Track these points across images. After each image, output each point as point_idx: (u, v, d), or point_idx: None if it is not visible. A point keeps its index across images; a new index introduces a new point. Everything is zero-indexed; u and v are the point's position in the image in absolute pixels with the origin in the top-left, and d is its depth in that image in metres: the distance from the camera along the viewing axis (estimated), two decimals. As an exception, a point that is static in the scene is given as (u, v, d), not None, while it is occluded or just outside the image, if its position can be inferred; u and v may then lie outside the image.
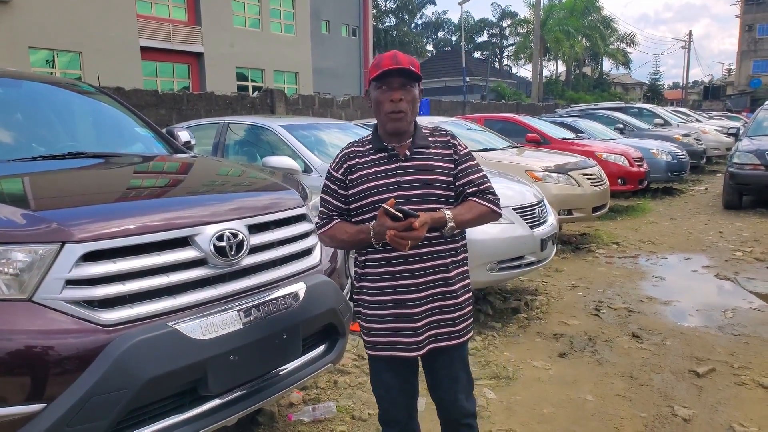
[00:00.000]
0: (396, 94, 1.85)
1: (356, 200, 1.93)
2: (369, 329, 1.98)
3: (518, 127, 9.28)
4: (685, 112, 19.13)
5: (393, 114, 1.86)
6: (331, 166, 2.01)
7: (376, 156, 1.94)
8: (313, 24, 27.82)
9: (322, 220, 2.01)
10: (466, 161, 1.97)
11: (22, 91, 3.18)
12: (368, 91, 1.94)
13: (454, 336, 1.97)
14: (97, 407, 1.69)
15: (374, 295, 1.95)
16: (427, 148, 1.94)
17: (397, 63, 1.82)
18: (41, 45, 17.22)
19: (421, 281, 1.91)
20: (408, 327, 1.91)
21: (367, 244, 1.88)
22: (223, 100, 11.86)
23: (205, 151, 5.28)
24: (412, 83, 1.88)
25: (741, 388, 3.28)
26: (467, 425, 2.08)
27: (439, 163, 1.93)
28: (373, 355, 2.01)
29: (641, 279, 5.53)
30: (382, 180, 1.90)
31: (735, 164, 8.87)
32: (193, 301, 1.96)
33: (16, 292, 1.70)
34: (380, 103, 1.88)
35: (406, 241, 1.73)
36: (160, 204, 2.24)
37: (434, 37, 54.93)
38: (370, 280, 1.96)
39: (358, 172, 1.93)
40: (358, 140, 2.04)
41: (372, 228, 1.82)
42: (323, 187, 2.02)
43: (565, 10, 39.50)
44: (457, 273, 1.98)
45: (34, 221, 1.82)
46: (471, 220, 1.90)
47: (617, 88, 51.22)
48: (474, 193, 1.94)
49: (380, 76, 1.84)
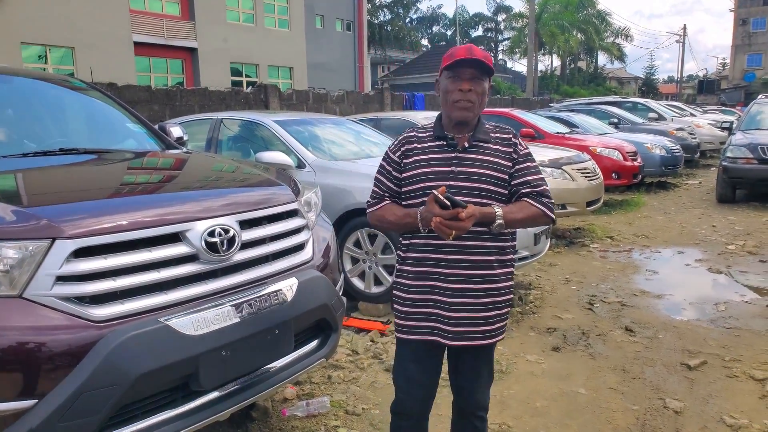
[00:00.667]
0: (466, 84, 1.86)
1: (408, 184, 1.95)
2: (403, 312, 1.98)
3: (512, 121, 9.28)
4: (679, 107, 19.16)
5: (461, 103, 1.87)
6: (389, 147, 2.04)
7: (434, 143, 1.95)
8: (307, 19, 27.73)
9: (373, 199, 2.03)
10: (525, 161, 1.95)
11: (13, 87, 3.15)
12: (438, 80, 1.96)
13: (489, 335, 1.96)
14: (89, 403, 1.68)
15: (413, 279, 1.96)
16: (487, 143, 1.94)
17: (471, 54, 1.84)
18: (33, 40, 17.12)
19: (462, 273, 1.90)
20: (445, 315, 1.91)
21: (413, 228, 1.90)
22: (216, 96, 11.82)
23: (199, 146, 5.27)
24: (483, 77, 1.89)
25: (732, 381, 3.31)
26: (480, 417, 2.11)
27: (497, 159, 1.92)
28: (403, 339, 2.00)
29: (635, 273, 5.55)
30: (436, 167, 1.91)
31: (728, 158, 8.91)
32: (185, 297, 1.96)
33: (7, 289, 1.69)
34: (449, 92, 1.89)
35: (450, 230, 1.73)
36: (151, 200, 2.23)
37: (429, 31, 54.86)
38: (411, 263, 1.96)
39: (413, 157, 1.95)
40: (420, 127, 2.05)
41: (420, 213, 1.83)
42: (378, 167, 2.04)
43: (560, 5, 39.52)
44: (503, 272, 1.96)
45: (24, 217, 1.81)
46: (521, 220, 1.88)
47: (612, 82, 51.36)
48: (528, 194, 1.91)
49: (452, 66, 1.86)
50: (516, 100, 23.26)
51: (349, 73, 33.09)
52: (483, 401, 2.10)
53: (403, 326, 1.99)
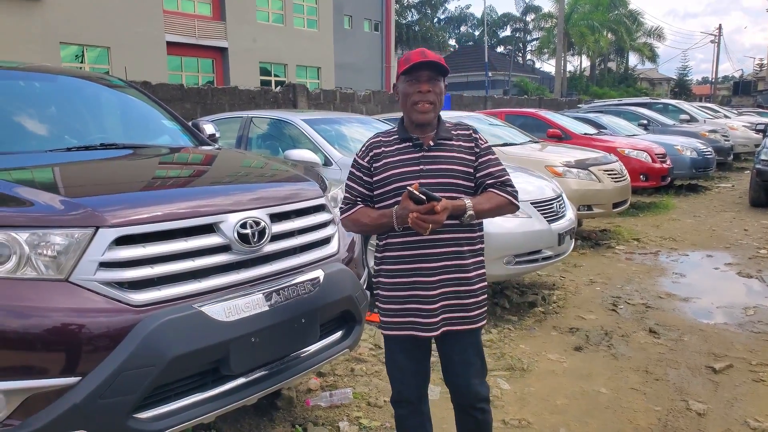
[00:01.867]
0: (424, 86, 1.96)
1: (380, 186, 2.03)
2: (386, 310, 2.07)
3: (539, 122, 9.25)
4: (712, 108, 18.75)
5: (420, 105, 1.97)
6: (357, 153, 2.12)
7: (401, 145, 2.04)
8: (335, 19, 27.92)
9: (346, 205, 2.11)
10: (486, 154, 2.06)
11: (56, 85, 3.32)
12: (396, 85, 2.06)
13: (468, 321, 2.04)
14: (127, 382, 1.79)
15: (393, 278, 2.04)
16: (450, 140, 2.04)
17: (425, 57, 1.94)
18: (71, 40, 17.64)
19: (437, 265, 1.99)
20: (424, 309, 2.00)
21: (389, 228, 1.98)
22: (246, 95, 12.01)
23: (229, 144, 5.40)
24: (439, 77, 1.99)
25: (758, 385, 3.28)
26: (480, 409, 2.14)
27: (461, 154, 2.02)
28: (389, 335, 2.09)
29: (661, 275, 5.51)
30: (406, 168, 2.00)
31: (762, 161, 8.71)
32: (217, 285, 2.05)
33: (54, 273, 1.81)
34: (408, 95, 1.98)
35: (427, 224, 1.82)
36: (187, 192, 2.34)
37: (457, 31, 54.64)
38: (390, 263, 2.04)
39: (382, 160, 2.03)
40: (384, 131, 2.15)
41: (395, 211, 1.92)
42: (348, 174, 2.12)
43: (590, 4, 38.97)
44: (473, 261, 2.05)
45: (70, 207, 1.92)
46: (489, 210, 1.98)
47: (643, 83, 50.43)
48: (493, 185, 2.02)
49: (409, 70, 1.96)
50: (543, 100, 23.05)
51: (376, 73, 33.21)
52: (481, 392, 2.12)
53: (387, 323, 2.07)
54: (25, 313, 1.73)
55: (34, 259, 1.79)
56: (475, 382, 2.10)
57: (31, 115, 3.02)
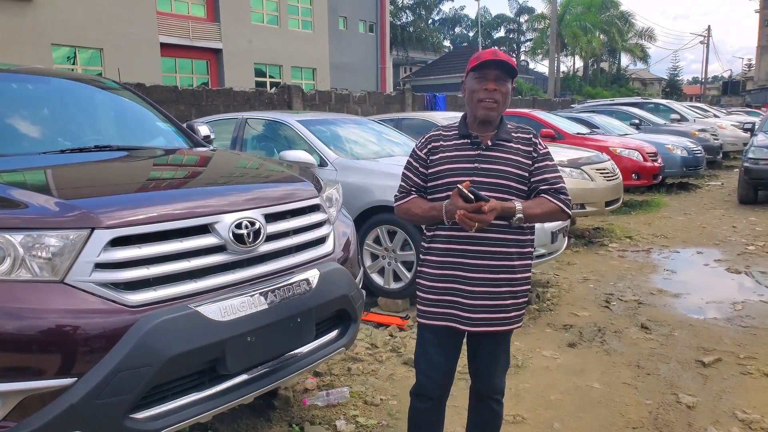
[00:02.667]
0: (491, 84, 1.97)
1: (434, 179, 2.07)
2: (426, 299, 2.10)
3: (533, 122, 9.29)
4: (702, 108, 18.91)
5: (486, 102, 1.98)
6: (416, 145, 2.16)
7: (459, 141, 2.07)
8: (330, 20, 27.90)
9: (400, 194, 2.15)
10: (543, 160, 2.06)
11: (50, 87, 3.32)
12: (463, 81, 2.08)
13: (505, 323, 2.07)
14: (124, 382, 1.80)
15: (437, 269, 2.07)
16: (509, 142, 2.05)
17: (496, 56, 1.96)
18: (63, 42, 17.54)
19: (483, 263, 2.01)
20: (465, 303, 2.02)
21: (438, 220, 2.02)
22: (241, 96, 12.02)
23: (224, 145, 5.41)
24: (507, 78, 2.01)
25: (746, 378, 3.33)
26: (496, 400, 2.22)
27: (518, 157, 2.03)
28: (424, 324, 2.11)
29: (652, 272, 5.56)
30: (461, 164, 2.02)
31: (750, 159, 8.81)
32: (213, 285, 2.07)
33: (49, 274, 1.82)
34: (475, 91, 2.00)
35: (473, 222, 1.86)
36: (182, 193, 2.36)
37: (451, 32, 54.70)
38: (435, 254, 2.07)
39: (439, 154, 2.07)
40: (445, 126, 2.17)
41: (444, 206, 1.96)
42: (406, 163, 2.16)
43: (582, 6, 39.16)
44: (521, 264, 2.06)
45: (65, 209, 1.93)
46: (540, 215, 2.00)
47: (635, 83, 50.70)
48: (547, 191, 2.03)
49: (479, 66, 1.98)
50: (537, 101, 23.13)
51: (371, 74, 33.21)
52: (500, 385, 2.20)
53: (425, 312, 2.10)
54: (20, 314, 1.74)
55: (29, 261, 1.80)
56: (498, 375, 2.18)
57: (25, 117, 3.02)
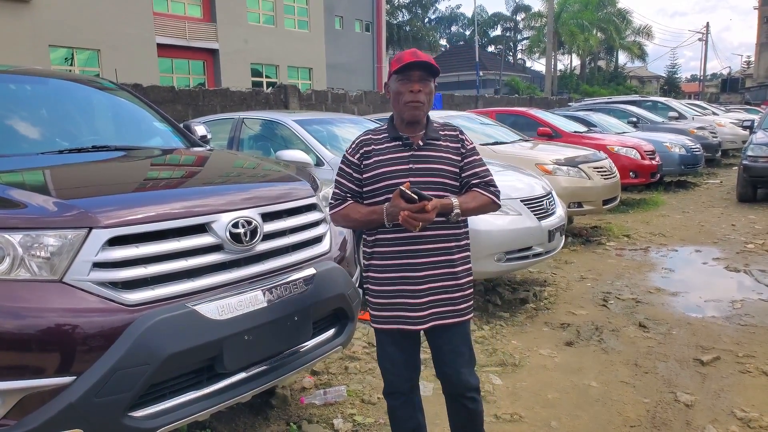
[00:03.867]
0: (415, 86, 2.01)
1: (370, 183, 2.09)
2: (376, 304, 2.13)
3: (530, 120, 9.31)
4: (701, 105, 18.92)
5: (412, 103, 2.03)
6: (347, 151, 2.17)
7: (390, 144, 2.10)
8: (326, 20, 27.91)
9: (335, 200, 2.16)
10: (471, 155, 2.13)
11: (48, 88, 3.33)
12: (387, 84, 2.11)
13: (456, 314, 2.12)
14: (122, 381, 1.81)
15: (382, 272, 2.10)
16: (438, 140, 2.11)
17: (417, 57, 2.00)
18: (61, 43, 17.54)
19: (425, 261, 2.06)
20: (412, 303, 2.07)
21: (379, 224, 2.04)
22: (238, 96, 12.02)
23: (221, 145, 5.41)
24: (430, 77, 2.05)
25: (744, 376, 3.34)
26: (471, 398, 2.19)
27: (448, 154, 2.09)
28: (379, 328, 2.15)
29: (650, 271, 5.57)
30: (396, 166, 2.05)
31: (749, 157, 8.82)
32: (210, 284, 2.08)
33: (48, 274, 1.82)
34: (400, 93, 2.04)
35: (417, 222, 1.90)
36: (179, 193, 2.37)
37: (448, 31, 54.76)
38: (379, 258, 2.11)
39: (373, 158, 2.09)
40: (373, 129, 2.20)
41: (385, 209, 1.98)
42: (338, 170, 2.18)
43: (579, 4, 39.16)
44: (460, 257, 2.13)
45: (63, 208, 1.94)
46: (474, 209, 2.08)
47: (633, 81, 50.76)
48: (478, 185, 2.11)
49: (401, 69, 2.01)
50: (534, 99, 23.17)
51: (367, 73, 33.22)
52: (470, 382, 2.17)
53: (376, 317, 2.14)
54: (19, 313, 1.75)
55: (28, 261, 1.81)
56: (465, 371, 2.16)
57: (23, 117, 3.03)
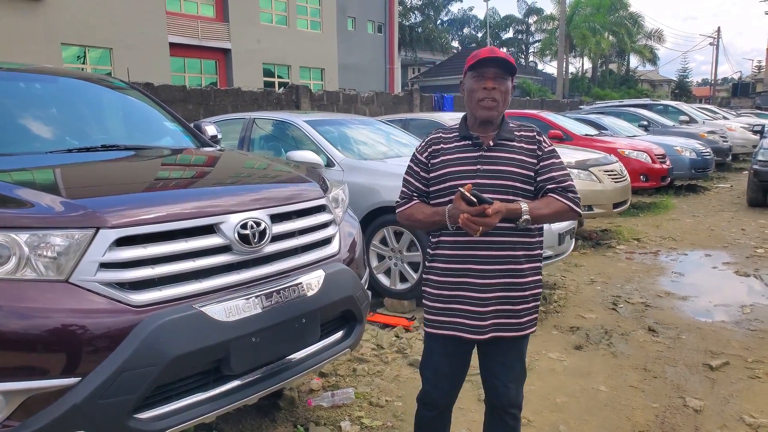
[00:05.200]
0: (490, 83, 1.92)
1: (435, 183, 2.01)
2: (432, 308, 2.04)
3: (541, 123, 9.25)
4: (711, 109, 18.78)
5: (485, 101, 1.93)
6: (416, 149, 2.09)
7: (460, 143, 2.00)
8: (339, 20, 27.93)
9: (402, 199, 2.09)
10: (549, 158, 1.99)
11: (58, 86, 3.33)
12: (462, 81, 2.03)
13: (517, 328, 2.00)
14: (128, 382, 1.80)
15: (443, 276, 2.00)
16: (512, 141, 1.98)
17: (494, 54, 1.91)
18: (73, 41, 17.65)
19: (490, 268, 1.94)
20: (474, 311, 1.96)
21: (442, 225, 1.95)
22: (249, 96, 12.05)
23: (232, 145, 5.42)
24: (506, 75, 1.94)
25: (754, 381, 3.30)
26: (512, 415, 2.09)
27: (522, 156, 1.96)
28: (432, 333, 2.05)
29: (660, 275, 5.52)
30: (463, 166, 1.96)
31: (759, 161, 8.72)
32: (218, 285, 2.06)
33: (54, 274, 1.82)
34: (473, 91, 1.94)
35: (477, 226, 1.79)
36: (188, 193, 2.35)
37: (460, 33, 54.53)
38: (441, 261, 2.01)
39: (440, 157, 2.01)
40: (446, 128, 2.11)
41: (447, 210, 1.89)
42: (407, 168, 2.10)
43: (591, 7, 38.93)
44: (530, 267, 1.99)
45: (71, 208, 1.93)
46: (548, 216, 1.93)
47: (644, 84, 50.39)
48: (554, 190, 1.96)
49: (476, 65, 1.92)
50: (545, 102, 23.06)
51: (379, 74, 33.20)
52: (516, 398, 2.07)
53: (432, 321, 2.04)
54: (25, 313, 1.74)
55: (34, 260, 1.80)
56: (513, 386, 2.05)
57: (33, 116, 3.03)
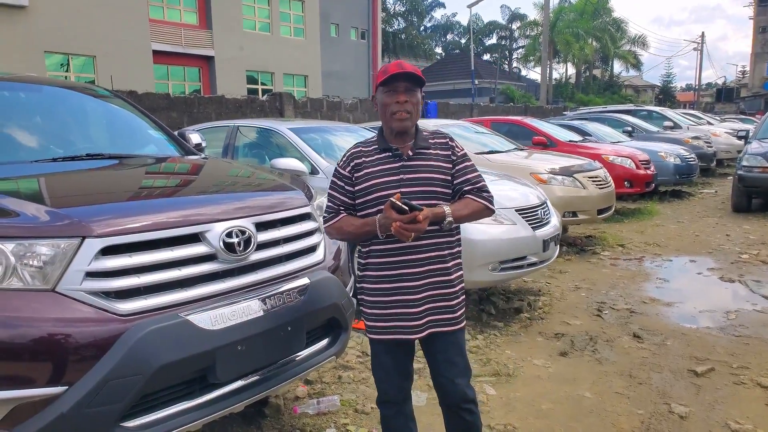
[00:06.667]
0: (402, 97, 2.03)
1: (362, 196, 2.10)
2: (371, 315, 2.14)
3: (525, 129, 9.34)
4: (696, 115, 19.03)
5: (398, 114, 2.03)
6: (338, 164, 2.18)
7: (381, 155, 2.11)
8: (322, 27, 28.01)
9: (329, 213, 2.17)
10: (462, 161, 2.14)
11: (42, 95, 3.32)
12: (375, 96, 2.12)
13: (452, 322, 2.13)
14: (114, 391, 1.79)
15: (377, 283, 2.11)
16: (428, 149, 2.11)
17: (402, 68, 2.01)
18: (56, 49, 17.53)
19: (420, 270, 2.07)
20: (409, 312, 2.08)
21: (372, 235, 2.05)
22: (233, 104, 12.01)
23: (216, 153, 5.40)
24: (416, 88, 2.06)
25: (739, 387, 3.34)
26: (468, 410, 2.18)
27: (439, 162, 2.10)
28: (375, 338, 2.15)
29: (645, 281, 5.58)
30: (387, 177, 2.06)
31: (744, 167, 8.86)
32: (204, 294, 2.07)
33: (40, 283, 1.81)
34: (387, 105, 2.05)
35: (409, 233, 1.91)
36: (173, 202, 2.36)
37: (443, 39, 54.98)
38: (373, 269, 2.11)
39: (364, 170, 2.10)
40: (363, 141, 2.21)
41: (378, 220, 1.99)
42: (331, 183, 2.18)
43: (575, 12, 39.49)
44: (454, 264, 2.15)
45: (56, 217, 1.93)
46: (467, 216, 2.09)
47: (628, 90, 51.08)
48: (470, 191, 2.11)
49: (387, 81, 2.03)
50: (529, 108, 23.24)
51: (363, 81, 33.31)
52: (466, 393, 2.17)
53: (372, 327, 2.16)
54: (11, 323, 1.73)
55: (20, 270, 1.80)
56: (460, 381, 2.15)
57: (17, 125, 3.01)
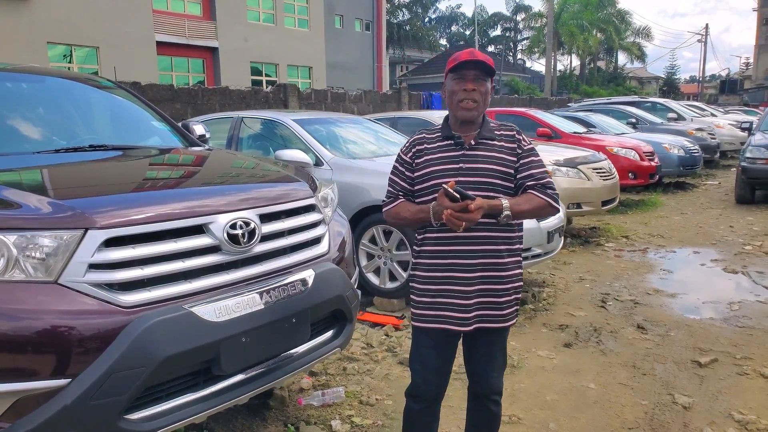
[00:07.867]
0: (470, 85, 1.99)
1: (420, 182, 2.08)
2: (419, 302, 2.10)
3: (529, 121, 9.30)
4: (699, 107, 18.93)
5: (465, 102, 2.00)
6: (401, 149, 2.17)
7: (443, 143, 2.09)
8: (326, 18, 27.88)
9: (388, 198, 2.16)
10: (528, 156, 2.07)
11: (45, 86, 3.30)
12: (443, 83, 2.10)
13: (500, 319, 2.09)
14: (118, 383, 1.79)
15: (428, 271, 2.08)
16: (492, 140, 2.07)
17: (473, 56, 1.99)
18: (59, 40, 17.49)
19: (474, 262, 2.02)
20: (459, 303, 2.03)
21: (426, 223, 2.03)
22: (237, 95, 11.99)
23: (220, 144, 5.39)
24: (486, 77, 2.02)
25: (742, 378, 3.34)
26: (494, 401, 2.21)
27: (502, 154, 2.05)
28: (419, 327, 2.12)
29: (649, 272, 5.57)
30: (445, 165, 2.04)
31: (747, 158, 8.82)
32: (208, 286, 2.06)
33: (43, 275, 1.81)
34: (454, 92, 2.02)
35: (460, 222, 1.87)
36: (177, 194, 2.34)
37: (448, 31, 54.65)
38: (426, 256, 2.09)
39: (424, 157, 2.09)
40: (429, 128, 2.19)
41: (431, 207, 1.97)
42: (392, 168, 2.17)
43: (579, 4, 39.19)
44: (511, 261, 2.08)
45: (59, 209, 1.92)
46: (527, 211, 2.01)
47: (633, 82, 50.81)
48: (533, 186, 2.04)
49: (456, 68, 2.00)
50: (534, 99, 23.15)
51: (367, 72, 33.19)
52: (497, 386, 2.19)
53: (419, 315, 2.11)
54: (14, 315, 1.73)
55: (23, 262, 1.79)
56: (494, 375, 2.17)
57: (20, 116, 3.00)
